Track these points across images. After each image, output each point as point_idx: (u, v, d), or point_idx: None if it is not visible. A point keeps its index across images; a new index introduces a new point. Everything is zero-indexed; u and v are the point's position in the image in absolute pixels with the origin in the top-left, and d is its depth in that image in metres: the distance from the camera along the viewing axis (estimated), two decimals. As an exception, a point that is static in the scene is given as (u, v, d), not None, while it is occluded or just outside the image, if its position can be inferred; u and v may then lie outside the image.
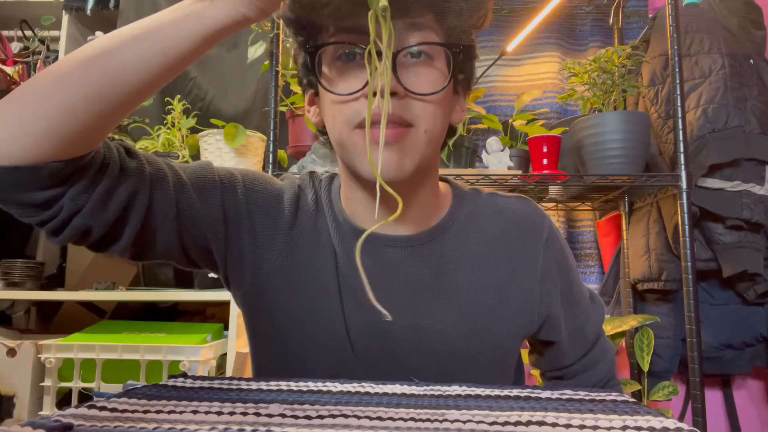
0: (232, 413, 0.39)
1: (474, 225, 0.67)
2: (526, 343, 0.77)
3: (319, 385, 0.51)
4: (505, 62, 1.93)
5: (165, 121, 1.53)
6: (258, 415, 0.39)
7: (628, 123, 1.39)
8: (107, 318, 1.61)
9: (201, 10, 0.48)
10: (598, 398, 0.48)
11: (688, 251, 1.32)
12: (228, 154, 1.43)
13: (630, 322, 1.51)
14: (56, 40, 1.87)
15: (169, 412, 0.39)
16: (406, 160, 0.57)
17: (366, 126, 0.51)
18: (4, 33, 1.54)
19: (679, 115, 1.36)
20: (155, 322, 1.46)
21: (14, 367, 1.27)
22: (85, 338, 1.30)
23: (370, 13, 0.49)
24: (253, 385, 0.50)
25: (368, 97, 0.51)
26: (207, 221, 0.61)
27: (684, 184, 1.34)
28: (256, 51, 1.48)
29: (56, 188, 0.49)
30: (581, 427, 0.38)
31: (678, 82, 1.37)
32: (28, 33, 1.80)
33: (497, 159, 1.46)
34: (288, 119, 1.51)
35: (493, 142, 1.47)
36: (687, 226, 1.33)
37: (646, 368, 1.54)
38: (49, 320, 1.70)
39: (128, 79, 0.48)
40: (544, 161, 1.41)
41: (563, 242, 0.72)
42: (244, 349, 1.31)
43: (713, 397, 1.74)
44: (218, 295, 1.35)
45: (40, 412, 1.26)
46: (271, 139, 1.37)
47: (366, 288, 0.49)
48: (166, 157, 0.61)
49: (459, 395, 0.48)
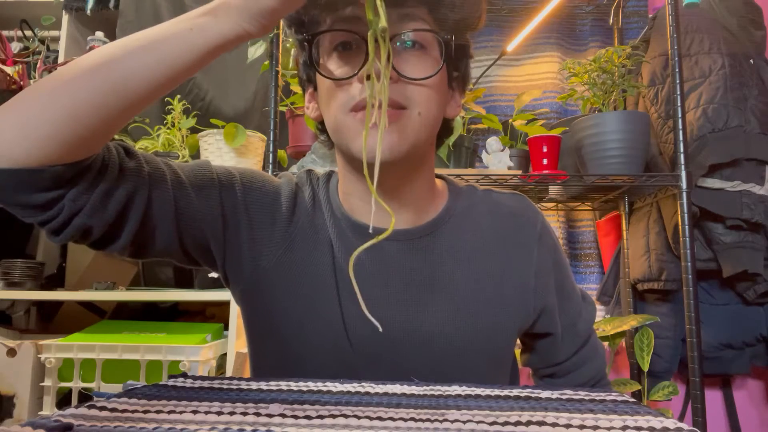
0: (232, 413, 0.39)
1: (470, 220, 0.68)
2: (520, 344, 0.78)
3: (319, 385, 0.51)
4: (505, 62, 1.93)
5: (165, 121, 1.53)
6: (258, 415, 0.39)
7: (628, 123, 1.39)
8: (107, 318, 1.61)
9: (205, 24, 0.49)
10: (598, 398, 0.49)
11: (688, 251, 1.32)
12: (228, 154, 1.43)
13: (630, 322, 1.51)
14: (56, 40, 1.87)
15: (169, 412, 0.39)
16: (400, 140, 0.57)
17: (367, 107, 0.52)
18: (4, 33, 1.53)
19: (679, 115, 1.36)
20: (155, 322, 1.46)
21: (14, 367, 1.27)
22: (85, 338, 1.30)
23: (369, 33, 0.50)
24: (253, 385, 0.50)
25: (371, 77, 0.51)
26: (205, 219, 0.61)
27: (684, 184, 1.34)
28: (256, 51, 1.48)
29: (57, 190, 0.50)
30: (581, 427, 0.38)
31: (678, 82, 1.37)
32: (28, 33, 1.80)
33: (497, 159, 1.46)
34: (288, 119, 1.51)
35: (493, 142, 1.47)
36: (687, 226, 1.33)
37: (646, 368, 1.54)
38: (49, 320, 1.70)
39: (132, 88, 0.49)
40: (544, 161, 1.41)
41: (555, 238, 0.74)
42: (244, 349, 1.31)
43: (713, 397, 1.74)
44: (218, 295, 1.35)
45: (40, 412, 1.26)
46: (271, 139, 1.38)
47: (359, 299, 0.50)
48: (166, 157, 0.61)
49: (459, 395, 0.48)
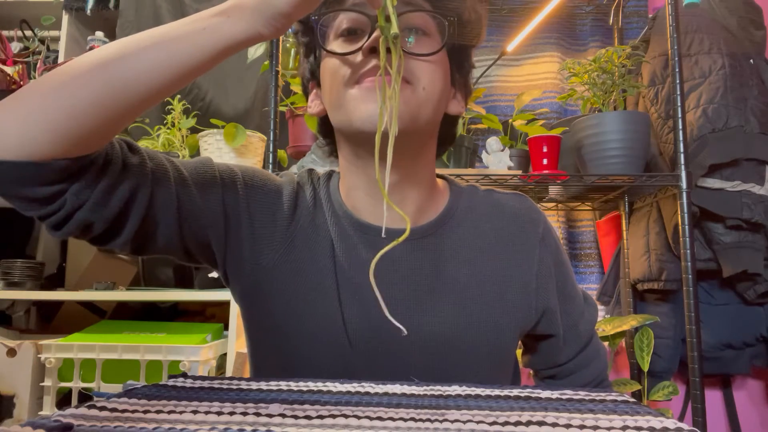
0: (232, 413, 0.39)
1: (472, 219, 0.68)
2: (521, 345, 0.78)
3: (319, 385, 0.51)
4: (505, 62, 1.93)
5: (165, 121, 1.52)
6: (258, 415, 0.39)
7: (628, 123, 1.39)
8: (107, 318, 1.61)
9: (218, 24, 0.49)
10: (598, 398, 0.48)
11: (688, 251, 1.32)
12: (228, 154, 1.43)
13: (630, 322, 1.51)
14: (56, 40, 1.87)
15: (169, 412, 0.39)
16: (404, 111, 0.57)
17: (381, 70, 0.52)
18: (4, 33, 1.53)
19: (679, 115, 1.36)
20: (155, 322, 1.46)
21: (14, 367, 1.27)
22: (85, 338, 1.30)
23: (381, 39, 0.51)
24: (253, 385, 0.50)
25: (380, 48, 0.53)
26: (207, 217, 0.61)
27: (684, 184, 1.34)
28: (256, 51, 1.48)
29: (60, 184, 0.50)
30: (581, 427, 0.38)
31: (678, 82, 1.37)
32: (28, 33, 1.80)
33: (497, 159, 1.46)
34: (288, 119, 1.51)
35: (493, 142, 1.47)
36: (687, 226, 1.33)
37: (646, 368, 1.54)
38: (49, 320, 1.70)
39: (138, 87, 0.49)
40: (544, 161, 1.41)
41: (558, 239, 0.73)
42: (244, 349, 1.31)
43: (713, 397, 1.74)
44: (218, 295, 1.35)
45: (40, 412, 1.26)
46: (271, 139, 1.37)
47: (381, 304, 0.50)
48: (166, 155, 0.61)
49: (459, 395, 0.48)
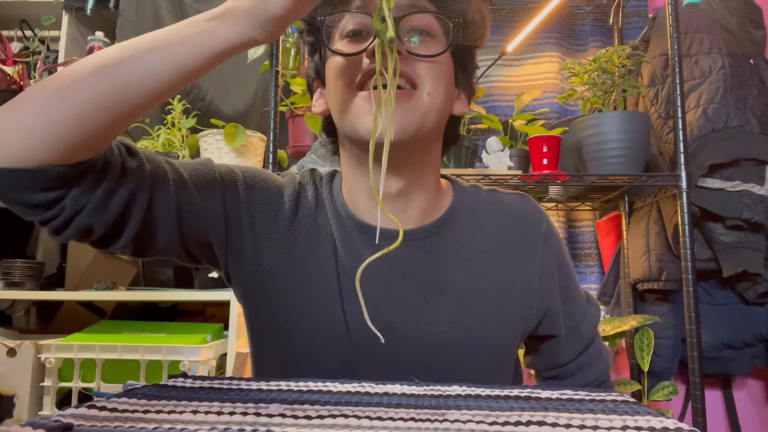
0: (232, 413, 0.39)
1: (474, 220, 0.68)
2: (523, 345, 0.77)
3: (319, 385, 0.51)
4: (505, 62, 1.93)
5: (165, 121, 1.52)
6: (258, 415, 0.39)
7: (628, 123, 1.39)
8: (107, 318, 1.61)
9: (212, 29, 0.49)
10: (598, 398, 0.48)
11: (688, 251, 1.32)
12: (228, 155, 1.43)
13: (630, 322, 1.51)
14: (56, 40, 1.87)
15: (169, 412, 0.39)
16: (408, 121, 0.58)
17: (378, 87, 0.53)
18: (4, 33, 1.53)
19: (679, 115, 1.36)
20: (155, 322, 1.46)
21: (14, 367, 1.27)
22: (85, 338, 1.29)
23: (376, 43, 0.51)
24: (253, 385, 0.50)
25: (376, 51, 0.53)
26: (208, 218, 0.61)
27: (684, 184, 1.34)
28: (256, 51, 1.48)
29: (58, 190, 0.50)
30: (581, 427, 0.38)
31: (678, 82, 1.37)
32: (28, 33, 1.80)
33: (497, 159, 1.46)
34: (288, 119, 1.50)
35: (493, 142, 1.47)
36: (687, 226, 1.33)
37: (646, 368, 1.54)
38: (49, 320, 1.70)
39: (137, 91, 0.49)
40: (544, 161, 1.41)
41: (560, 239, 0.73)
42: (244, 349, 1.31)
43: (713, 397, 1.74)
44: (218, 295, 1.35)
45: (40, 412, 1.26)
46: (271, 139, 1.37)
47: (364, 312, 0.50)
48: (166, 157, 0.62)
49: (459, 395, 0.48)
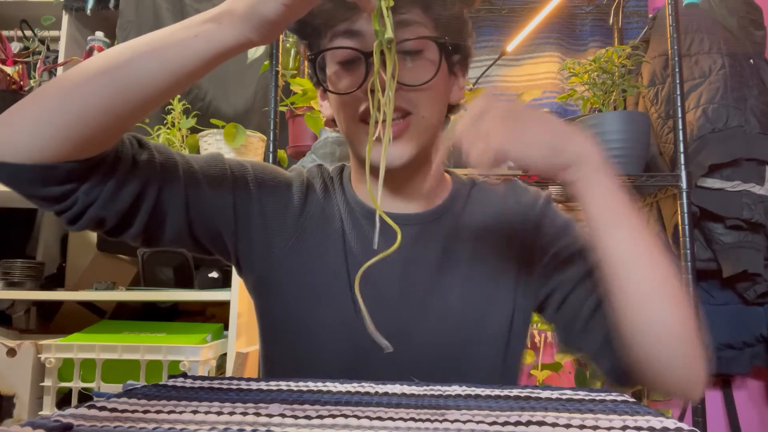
0: (232, 413, 0.39)
1: (476, 204, 0.71)
2: (526, 345, 0.77)
3: (319, 385, 0.51)
4: (505, 62, 1.93)
5: (165, 121, 1.52)
6: (258, 415, 0.39)
7: (628, 123, 1.39)
8: (107, 318, 1.61)
9: (210, 31, 0.50)
10: (598, 398, 0.49)
11: (688, 251, 1.32)
12: (228, 155, 1.42)
13: (630, 322, 1.51)
14: (56, 40, 1.86)
15: (169, 412, 0.39)
16: (405, 149, 0.61)
17: (370, 123, 0.53)
18: (4, 33, 1.53)
19: (679, 115, 1.36)
20: (155, 322, 1.46)
21: (14, 367, 1.27)
22: (85, 338, 1.30)
23: (375, 44, 0.52)
24: (253, 385, 0.50)
25: (375, 90, 0.53)
26: (217, 211, 0.63)
27: (684, 184, 1.34)
28: (256, 51, 1.48)
29: (71, 184, 0.52)
30: (581, 427, 0.38)
31: (678, 82, 1.37)
32: (28, 33, 1.80)
33: (497, 159, 1.46)
34: (288, 119, 1.50)
35: (493, 142, 1.47)
36: (687, 226, 1.33)
37: (646, 368, 1.53)
38: (49, 320, 1.70)
39: (139, 92, 0.50)
40: (544, 161, 1.40)
41: (555, 209, 0.71)
42: (244, 349, 1.31)
43: (713, 397, 1.74)
44: (218, 295, 1.35)
45: (40, 412, 1.26)
46: (271, 139, 1.37)
47: (366, 319, 0.50)
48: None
49: (459, 395, 0.48)
